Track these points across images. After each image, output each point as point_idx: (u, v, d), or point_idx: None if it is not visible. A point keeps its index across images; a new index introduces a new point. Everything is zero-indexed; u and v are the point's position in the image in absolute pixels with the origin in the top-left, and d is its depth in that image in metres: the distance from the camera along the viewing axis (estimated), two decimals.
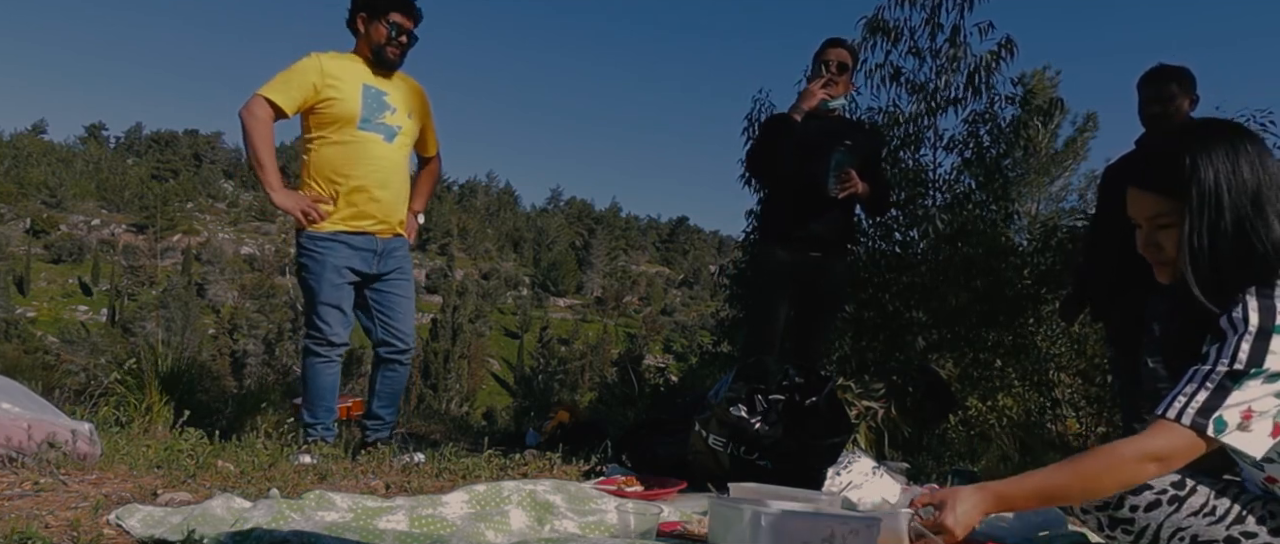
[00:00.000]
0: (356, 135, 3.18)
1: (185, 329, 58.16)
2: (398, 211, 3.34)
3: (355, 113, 3.16)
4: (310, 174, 3.22)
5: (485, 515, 2.03)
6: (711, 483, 2.60)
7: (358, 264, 3.24)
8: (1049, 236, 6.71)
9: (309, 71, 3.14)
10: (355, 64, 3.24)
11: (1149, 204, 1.44)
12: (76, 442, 2.49)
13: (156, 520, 1.77)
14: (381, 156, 3.23)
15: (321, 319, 3.20)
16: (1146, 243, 1.47)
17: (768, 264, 3.67)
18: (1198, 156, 1.38)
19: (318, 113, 3.17)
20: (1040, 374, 6.34)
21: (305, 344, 3.27)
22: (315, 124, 3.19)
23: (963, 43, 6.25)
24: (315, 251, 3.19)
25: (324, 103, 3.15)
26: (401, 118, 3.29)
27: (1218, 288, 1.37)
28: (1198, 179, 1.37)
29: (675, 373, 12.94)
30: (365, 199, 3.21)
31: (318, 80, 3.13)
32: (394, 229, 3.34)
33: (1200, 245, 1.37)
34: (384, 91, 3.25)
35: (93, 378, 6.06)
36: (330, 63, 3.18)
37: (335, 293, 3.20)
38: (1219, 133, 1.41)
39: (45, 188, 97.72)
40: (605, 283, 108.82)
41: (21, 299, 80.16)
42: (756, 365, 2.92)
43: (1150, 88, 3.37)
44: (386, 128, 3.24)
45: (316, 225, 3.17)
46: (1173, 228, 1.41)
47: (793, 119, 3.57)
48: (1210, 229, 1.36)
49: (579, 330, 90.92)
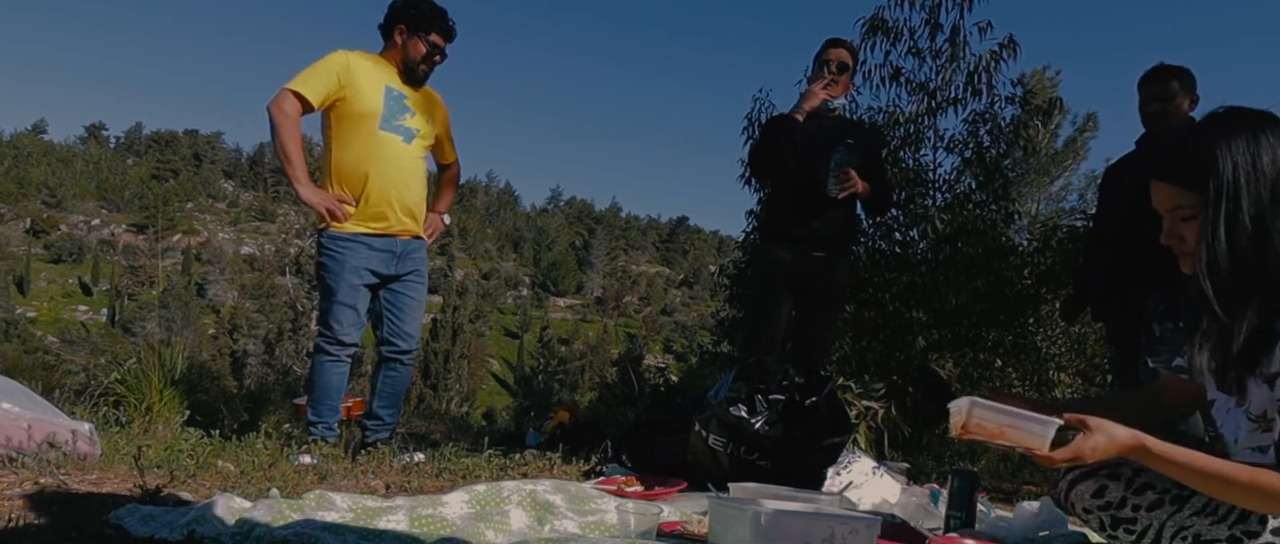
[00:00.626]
0: (376, 135, 3.22)
1: (185, 329, 58.18)
2: (416, 213, 3.38)
3: (376, 111, 3.20)
4: (331, 173, 3.25)
5: (485, 515, 2.02)
6: (711, 483, 2.60)
7: (377, 266, 3.28)
8: (1049, 236, 6.71)
9: (334, 65, 3.19)
10: (381, 66, 3.29)
11: (1168, 196, 1.42)
12: (76, 442, 2.49)
13: (156, 520, 1.77)
14: (400, 157, 3.27)
15: (335, 318, 3.24)
16: (1170, 234, 1.44)
17: (768, 264, 3.67)
18: (1217, 147, 1.35)
19: (339, 109, 3.21)
20: (1040, 374, 6.34)
21: (317, 342, 3.31)
22: (336, 120, 3.23)
23: (962, 42, 6.25)
24: (336, 251, 3.22)
25: (346, 99, 3.19)
26: (420, 122, 3.34)
27: (1235, 286, 1.34)
28: (1216, 171, 1.34)
29: (675, 373, 12.95)
30: (384, 200, 3.24)
31: (342, 74, 3.18)
32: (412, 230, 3.38)
33: (1217, 240, 1.34)
34: (404, 94, 3.31)
35: (93, 378, 6.06)
36: (356, 60, 3.23)
37: (352, 294, 3.24)
38: (1241, 122, 1.37)
39: (45, 188, 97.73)
40: (605, 283, 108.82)
41: (21, 299, 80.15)
42: (756, 365, 2.92)
43: (1151, 87, 3.37)
44: (405, 130, 3.29)
45: (339, 225, 3.21)
46: (1195, 220, 1.38)
47: (795, 119, 3.57)
48: (1228, 222, 1.33)
49: (579, 330, 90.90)
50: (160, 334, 47.59)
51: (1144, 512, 1.47)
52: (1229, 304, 1.36)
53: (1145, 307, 3.30)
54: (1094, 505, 1.52)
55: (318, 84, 3.15)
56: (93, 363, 18.86)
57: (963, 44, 6.25)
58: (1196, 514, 1.44)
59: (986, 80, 6.25)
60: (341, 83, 3.17)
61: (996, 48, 6.20)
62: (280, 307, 48.33)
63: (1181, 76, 3.34)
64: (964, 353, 6.25)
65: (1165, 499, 1.46)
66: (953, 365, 6.21)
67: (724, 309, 9.02)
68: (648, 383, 11.14)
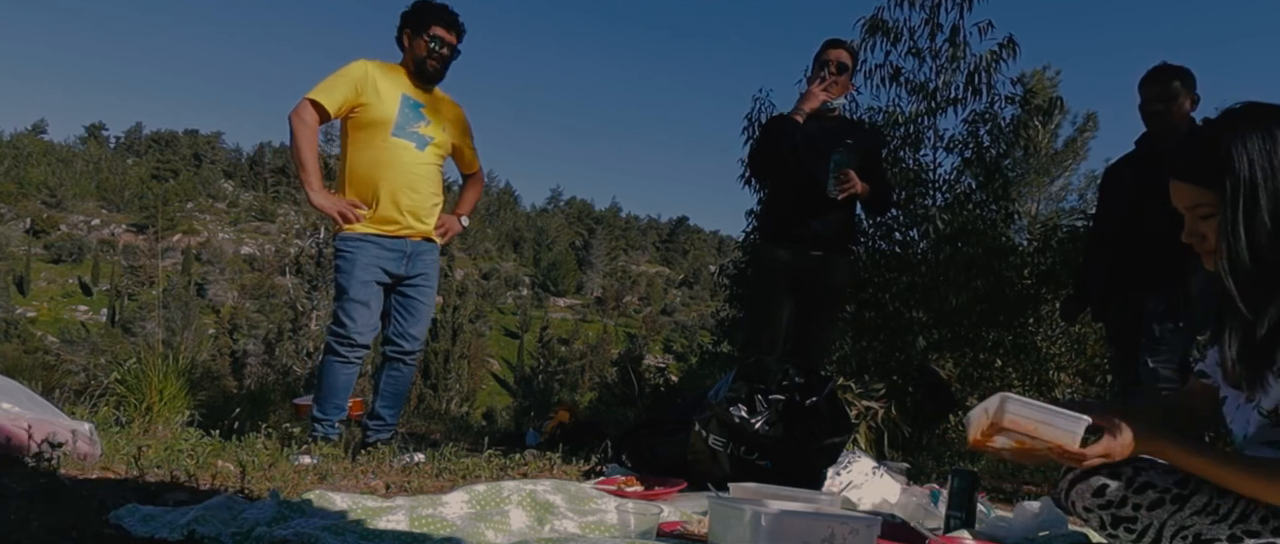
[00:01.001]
0: (389, 141, 3.30)
1: (185, 329, 58.18)
2: (427, 215, 3.43)
3: (390, 118, 3.29)
4: (346, 178, 3.35)
5: (485, 515, 2.02)
6: (711, 483, 2.60)
7: (388, 264, 3.34)
8: (1049, 236, 6.71)
9: (352, 74, 3.29)
10: (398, 75, 3.38)
11: (1187, 194, 1.42)
12: (76, 442, 2.49)
13: (156, 520, 1.77)
14: (411, 162, 3.34)
15: (347, 315, 3.28)
16: (1191, 232, 1.44)
17: (768, 264, 3.67)
18: (1233, 145, 1.34)
19: (355, 116, 3.30)
20: (1040, 374, 6.34)
21: (328, 340, 3.35)
22: (352, 127, 3.33)
23: (962, 42, 6.25)
24: (347, 252, 3.30)
25: (362, 106, 3.28)
26: (435, 130, 3.42)
27: (1258, 282, 1.35)
28: (1233, 168, 1.34)
29: (675, 373, 12.96)
30: (394, 204, 3.31)
31: (361, 83, 3.27)
32: (423, 232, 3.43)
33: (1237, 237, 1.34)
34: (421, 103, 3.39)
35: (93, 378, 6.06)
36: (375, 69, 3.33)
37: (363, 290, 3.29)
38: (1257, 119, 1.37)
39: (45, 188, 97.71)
40: (605, 283, 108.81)
41: (21, 299, 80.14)
42: (756, 365, 2.92)
43: (1152, 87, 3.37)
44: (419, 136, 3.36)
45: (350, 227, 3.29)
46: (1214, 218, 1.38)
47: (794, 120, 3.57)
48: (1247, 219, 1.33)
49: (579, 330, 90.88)
50: (160, 334, 47.59)
51: (1144, 511, 1.47)
52: (1252, 300, 1.37)
53: (1145, 307, 3.30)
54: (1094, 504, 1.51)
55: (335, 93, 3.25)
56: (93, 363, 18.88)
57: (963, 44, 6.26)
58: (1197, 513, 1.44)
59: (986, 80, 6.26)
60: (359, 91, 3.27)
61: (996, 48, 6.21)
62: (280, 307, 48.29)
63: (1183, 76, 3.34)
64: (964, 353, 6.25)
65: (1166, 498, 1.46)
66: (953, 365, 6.21)
67: (724, 309, 9.02)
68: (648, 383, 11.16)
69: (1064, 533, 2.29)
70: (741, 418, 2.73)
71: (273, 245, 77.78)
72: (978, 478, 2.50)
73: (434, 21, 3.36)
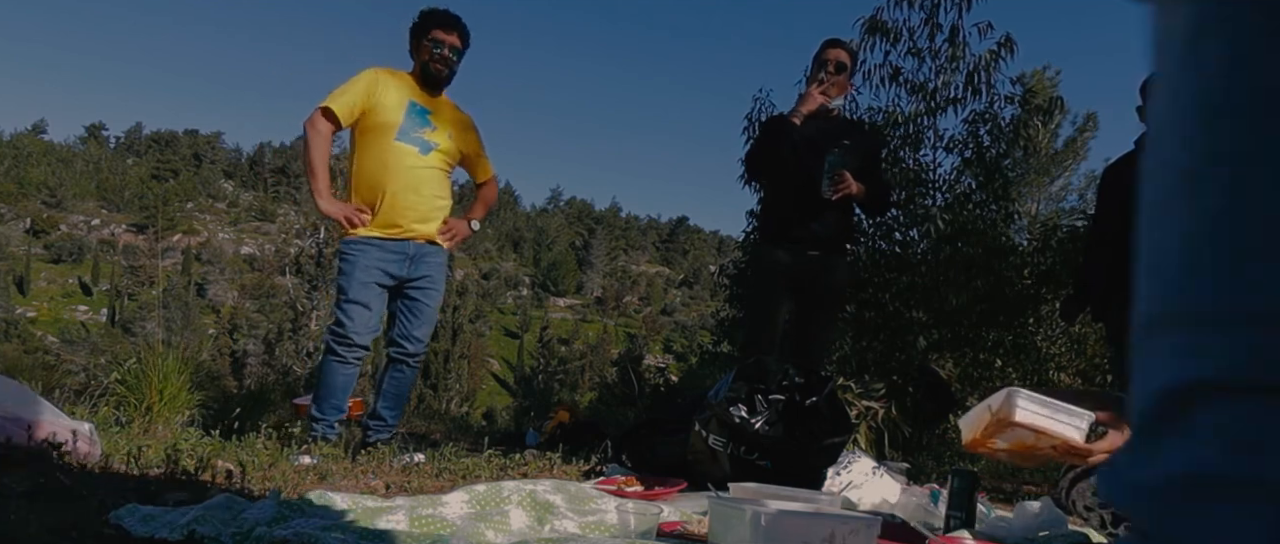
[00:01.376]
0: (393, 146, 3.35)
1: (185, 329, 58.15)
2: (429, 218, 3.46)
3: (395, 123, 3.35)
4: (353, 183, 3.42)
5: (485, 515, 2.02)
6: (711, 483, 2.60)
7: (390, 266, 3.38)
8: (1049, 236, 6.72)
9: (362, 82, 3.37)
10: (407, 82, 3.45)
11: None
12: (76, 441, 2.49)
13: (156, 520, 1.77)
14: (414, 166, 3.38)
15: (346, 314, 3.32)
16: None
17: (767, 264, 3.68)
18: None
19: (364, 122, 3.37)
20: (1040, 374, 6.34)
21: (327, 340, 3.39)
22: (360, 132, 3.40)
23: (962, 42, 6.26)
24: (350, 254, 3.36)
25: (370, 111, 3.34)
26: (441, 136, 3.46)
27: None
28: None
29: (675, 373, 12.96)
30: (395, 207, 3.36)
31: (369, 89, 3.35)
32: (426, 235, 3.46)
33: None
34: (428, 110, 3.45)
35: (93, 378, 6.06)
36: (384, 76, 3.40)
37: (364, 291, 3.33)
38: None
39: (45, 188, 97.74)
40: (605, 283, 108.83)
41: (21, 299, 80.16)
42: (756, 365, 2.93)
43: None
44: (423, 142, 3.41)
45: (354, 231, 3.34)
46: None
47: (792, 121, 3.57)
48: None
49: (579, 330, 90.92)
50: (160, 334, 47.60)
51: None
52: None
53: None
54: (1094, 504, 1.52)
55: (346, 100, 3.33)
56: (93, 363, 18.87)
57: (962, 44, 6.27)
58: None
59: (986, 80, 6.27)
60: (368, 97, 3.34)
61: (995, 47, 6.22)
62: (280, 307, 48.30)
63: None
64: (964, 353, 6.25)
65: None
66: (953, 365, 6.21)
67: (724, 309, 9.02)
68: (648, 383, 11.16)
69: (1064, 533, 2.29)
70: (741, 418, 2.73)
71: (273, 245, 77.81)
72: (978, 478, 2.50)
73: (432, 25, 3.43)
